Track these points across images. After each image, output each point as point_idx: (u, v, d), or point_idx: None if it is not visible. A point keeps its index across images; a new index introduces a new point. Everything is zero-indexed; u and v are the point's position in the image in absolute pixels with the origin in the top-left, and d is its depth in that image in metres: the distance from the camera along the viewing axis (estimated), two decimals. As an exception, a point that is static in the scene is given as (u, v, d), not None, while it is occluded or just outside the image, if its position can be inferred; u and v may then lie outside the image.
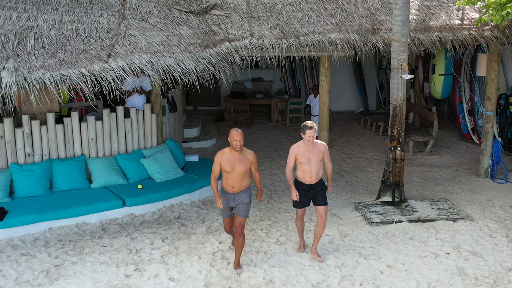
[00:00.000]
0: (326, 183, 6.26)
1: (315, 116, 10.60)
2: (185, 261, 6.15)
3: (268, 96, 15.32)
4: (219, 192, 5.96)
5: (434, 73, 10.75)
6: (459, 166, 10.15)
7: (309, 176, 6.06)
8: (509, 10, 6.81)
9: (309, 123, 5.94)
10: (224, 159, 5.75)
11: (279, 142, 12.23)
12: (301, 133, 5.98)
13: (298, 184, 6.12)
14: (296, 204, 6.18)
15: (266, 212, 7.76)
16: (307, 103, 11.72)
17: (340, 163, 10.48)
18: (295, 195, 6.01)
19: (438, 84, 10.65)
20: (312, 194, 6.13)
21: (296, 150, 6.04)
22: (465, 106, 11.80)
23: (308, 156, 6.00)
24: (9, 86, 6.06)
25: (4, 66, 6.20)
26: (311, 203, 6.23)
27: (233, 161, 5.74)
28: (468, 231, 6.92)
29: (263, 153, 11.28)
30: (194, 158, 9.62)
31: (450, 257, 6.18)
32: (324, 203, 6.14)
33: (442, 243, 6.56)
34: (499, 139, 10.88)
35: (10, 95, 6.26)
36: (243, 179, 5.86)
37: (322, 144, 6.19)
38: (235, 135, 5.63)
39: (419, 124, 12.69)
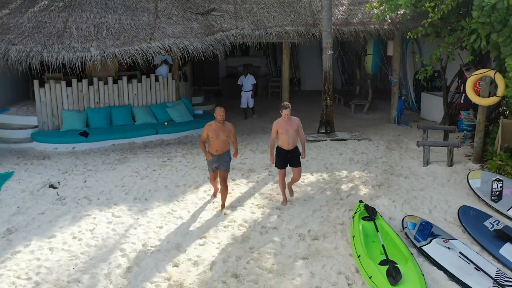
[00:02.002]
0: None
1: (246, 91, 14.50)
2: (196, 157, 10.49)
3: (256, 77, 19.57)
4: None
5: (366, 54, 15.05)
6: (381, 119, 14.42)
7: (286, 143, 7.60)
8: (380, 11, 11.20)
9: (285, 104, 7.58)
10: (211, 129, 7.40)
11: (262, 106, 16.49)
12: (280, 111, 7.59)
13: (279, 149, 7.70)
14: (277, 165, 7.78)
15: (245, 139, 12.07)
16: (238, 82, 14.76)
17: (304, 119, 14.75)
18: (272, 159, 7.75)
19: (368, 62, 14.93)
20: (289, 158, 7.72)
21: (277, 124, 7.62)
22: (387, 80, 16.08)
23: (286, 128, 7.54)
24: (96, 56, 10.41)
25: (92, 45, 10.57)
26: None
27: (217, 130, 7.36)
28: (365, 144, 11.28)
29: (258, 122, 15.56)
30: (199, 111, 13.99)
31: (348, 154, 10.54)
32: (298, 165, 7.76)
33: (346, 149, 10.92)
34: (415, 104, 15.18)
35: (88, 64, 10.64)
36: (225, 144, 7.50)
37: (296, 119, 7.70)
38: (219, 111, 7.32)
39: (365, 95, 16.94)
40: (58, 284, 5.89)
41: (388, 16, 11.84)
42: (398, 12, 11.74)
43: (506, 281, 5.70)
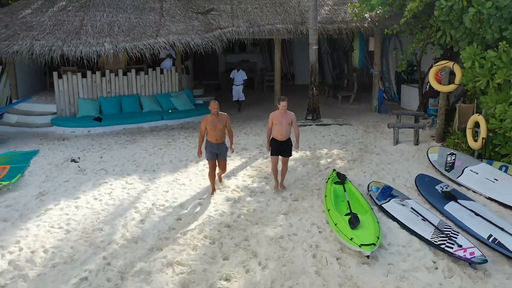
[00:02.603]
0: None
1: (237, 85, 15.41)
2: (196, 139, 11.72)
3: (252, 72, 20.94)
4: (206, 144, 8.28)
5: (353, 50, 16.37)
6: (365, 109, 15.75)
7: (279, 134, 8.26)
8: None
9: (283, 97, 8.33)
10: (208, 121, 8.07)
11: (257, 98, 17.85)
12: (277, 104, 8.32)
13: (273, 140, 8.40)
14: (272, 153, 8.47)
15: (241, 125, 13.41)
16: (231, 76, 15.81)
17: (295, 109, 16.08)
18: (267, 147, 8.50)
19: (355, 57, 16.25)
20: (282, 148, 8.40)
21: (273, 115, 8.28)
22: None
23: (281, 120, 8.19)
24: (109, 50, 11.75)
25: (105, 40, 11.90)
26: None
27: (214, 122, 8.04)
28: (346, 128, 12.61)
29: (247, 103, 16.92)
30: (200, 101, 15.34)
31: (329, 136, 11.87)
32: (287, 155, 8.46)
33: (329, 132, 12.25)
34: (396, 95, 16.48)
35: (102, 58, 11.97)
36: (222, 133, 8.17)
37: (291, 113, 8.31)
38: (213, 105, 8.06)
39: (352, 87, 18.23)
40: (85, 232, 7.24)
41: (367, 15, 13.16)
42: (377, 11, 13.04)
43: (445, 227, 7.04)
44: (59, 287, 6.08)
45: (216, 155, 8.24)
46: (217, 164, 8.43)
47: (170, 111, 13.60)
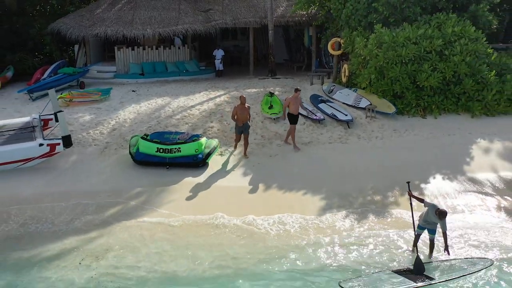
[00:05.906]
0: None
1: (218, 59, 22.07)
2: (200, 85, 19.36)
3: (241, 53, 28.37)
4: (235, 125, 12.25)
5: (304, 36, 23.78)
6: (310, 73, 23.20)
7: (294, 110, 12.63)
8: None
9: (298, 88, 13.06)
10: (238, 109, 12.08)
11: (241, 70, 25.20)
12: (295, 91, 12.73)
13: (290, 114, 12.63)
14: (290, 123, 12.68)
15: (224, 82, 20.94)
16: (213, 54, 21.71)
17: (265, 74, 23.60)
18: (284, 117, 13.05)
19: (305, 41, 23.63)
20: (295, 118, 12.69)
21: (290, 98, 12.80)
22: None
23: (295, 101, 12.65)
24: (149, 33, 19.32)
25: (148, 28, 19.47)
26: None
27: (242, 109, 12.09)
28: (288, 80, 19.94)
29: (233, 72, 24.42)
30: (203, 67, 22.90)
31: (277, 83, 19.36)
32: (296, 123, 12.79)
33: (277, 82, 19.65)
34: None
35: (145, 38, 19.56)
36: (246, 117, 12.20)
37: (299, 97, 13.01)
38: (243, 98, 12.25)
39: (306, 62, 25.56)
40: (146, 114, 14.92)
41: (304, 12, 20.57)
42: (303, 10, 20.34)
43: (312, 110, 14.66)
44: (140, 129, 13.79)
45: (242, 131, 12.37)
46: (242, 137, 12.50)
47: (184, 71, 21.11)
